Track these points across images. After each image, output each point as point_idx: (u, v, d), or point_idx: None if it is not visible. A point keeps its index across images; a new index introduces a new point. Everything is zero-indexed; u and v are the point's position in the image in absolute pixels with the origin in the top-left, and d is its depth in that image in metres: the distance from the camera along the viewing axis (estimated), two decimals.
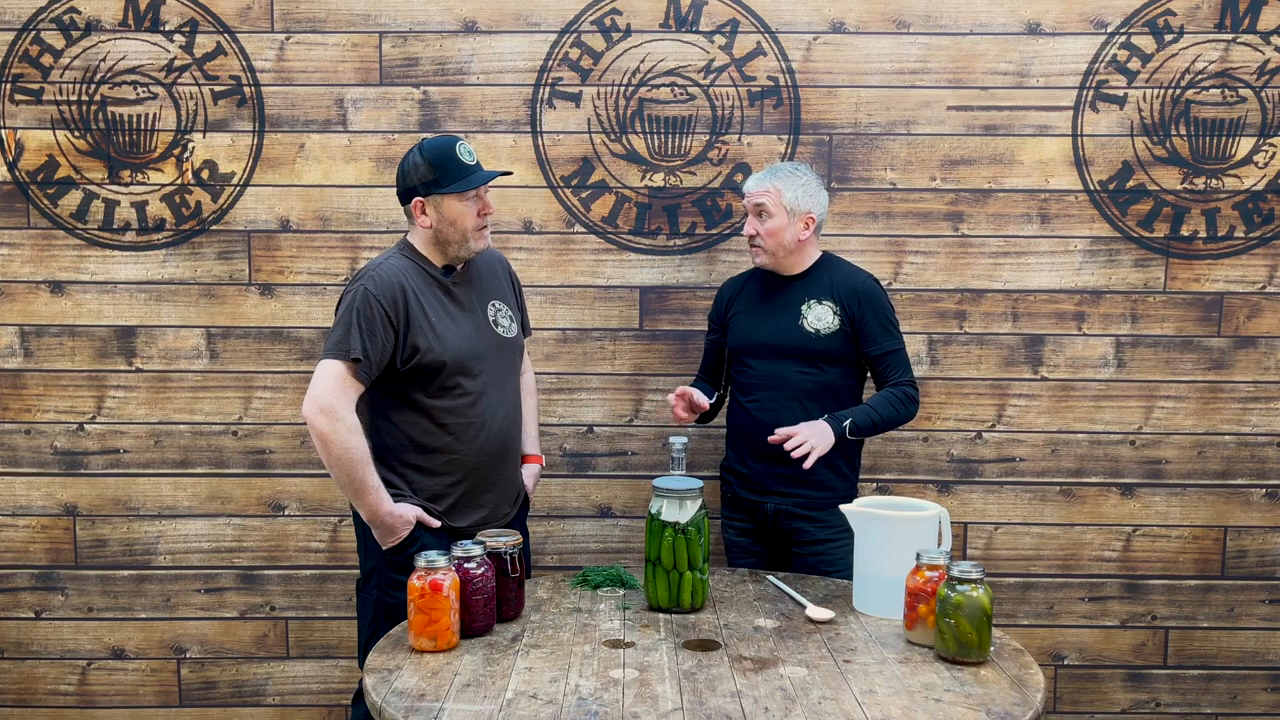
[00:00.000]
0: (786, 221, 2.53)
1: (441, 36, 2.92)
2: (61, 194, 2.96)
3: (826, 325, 2.54)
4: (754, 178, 2.60)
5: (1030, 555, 3.07)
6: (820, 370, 2.55)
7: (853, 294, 2.54)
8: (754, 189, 2.57)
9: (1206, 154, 2.95)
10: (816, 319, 2.54)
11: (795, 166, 2.59)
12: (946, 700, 1.71)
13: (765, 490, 2.58)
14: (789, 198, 2.53)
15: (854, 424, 2.45)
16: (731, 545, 2.71)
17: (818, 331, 2.54)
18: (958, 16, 2.91)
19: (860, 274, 2.60)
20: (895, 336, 2.56)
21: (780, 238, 2.54)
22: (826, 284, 2.57)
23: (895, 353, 2.55)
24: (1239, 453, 3.04)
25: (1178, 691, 3.11)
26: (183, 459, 3.04)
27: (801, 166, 2.60)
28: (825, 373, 2.55)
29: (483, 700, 1.70)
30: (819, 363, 2.55)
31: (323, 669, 3.12)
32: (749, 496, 2.62)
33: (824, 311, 2.54)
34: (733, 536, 2.70)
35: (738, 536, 2.69)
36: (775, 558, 2.65)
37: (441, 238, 2.30)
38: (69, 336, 3.00)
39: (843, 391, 2.57)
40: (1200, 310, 3.00)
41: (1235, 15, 2.90)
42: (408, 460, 2.29)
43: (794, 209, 2.53)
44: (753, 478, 2.60)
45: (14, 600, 3.09)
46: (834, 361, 2.55)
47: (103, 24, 2.91)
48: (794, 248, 2.57)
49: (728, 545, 2.73)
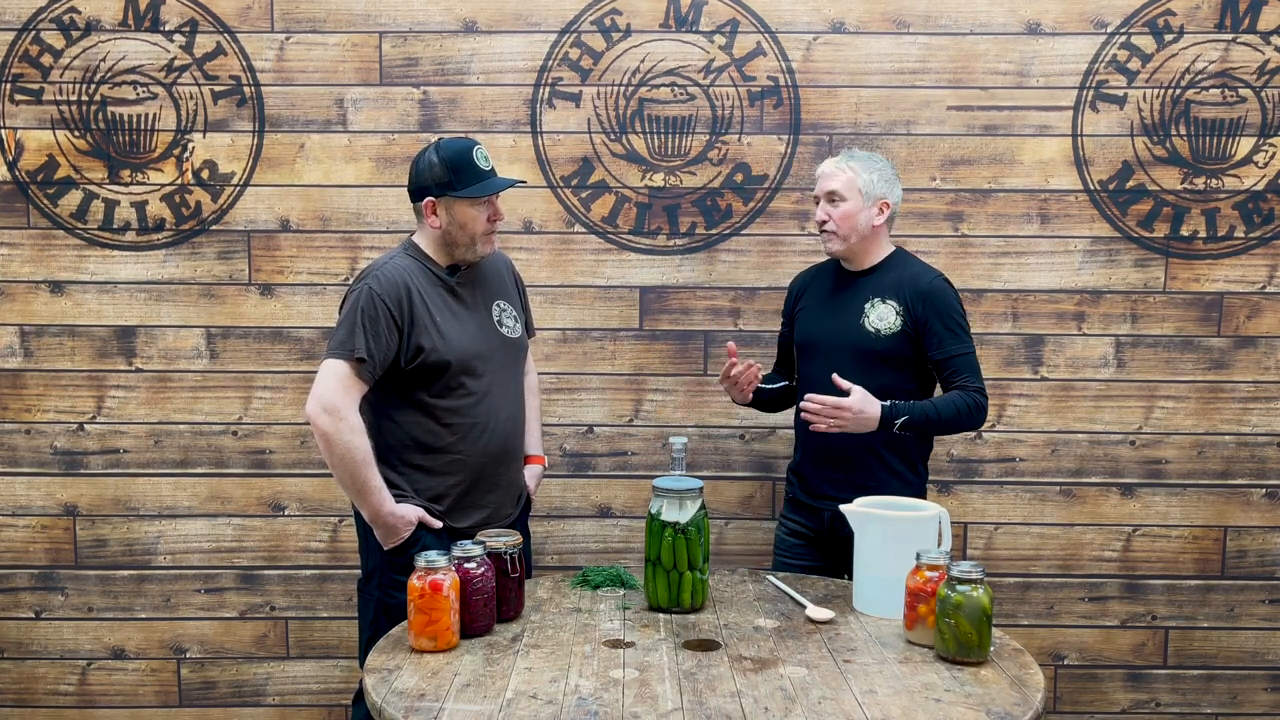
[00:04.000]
0: (861, 205, 2.42)
1: (441, 36, 2.92)
2: (61, 194, 2.96)
3: (888, 326, 2.42)
4: (828, 160, 2.49)
5: (1030, 555, 3.07)
6: (878, 372, 2.41)
7: (918, 294, 2.42)
8: (829, 170, 2.46)
9: (1206, 154, 2.95)
10: (879, 318, 2.43)
11: (870, 153, 2.51)
12: (946, 700, 1.71)
13: (822, 495, 2.47)
14: (864, 180, 2.42)
15: (908, 420, 2.31)
16: (780, 543, 2.61)
17: (878, 331, 2.43)
18: (958, 16, 2.91)
19: (929, 273, 2.47)
20: (963, 340, 2.41)
21: (854, 221, 2.43)
22: (893, 282, 2.45)
23: (962, 356, 2.40)
24: (1239, 453, 3.04)
25: (1178, 691, 3.11)
26: (183, 459, 3.04)
27: (877, 154, 2.51)
28: (883, 375, 2.41)
29: (483, 700, 1.70)
30: (878, 364, 2.42)
31: (323, 669, 3.12)
32: (809, 502, 2.53)
33: (886, 311, 2.43)
34: (783, 535, 2.61)
35: (788, 535, 2.59)
36: (835, 565, 2.49)
37: (449, 239, 2.30)
38: (69, 336, 3.00)
39: (901, 398, 2.40)
40: (1200, 310, 3.00)
41: (1235, 15, 2.90)
42: (410, 460, 2.29)
43: (869, 192, 2.42)
44: (810, 481, 2.52)
45: (14, 600, 3.09)
46: (893, 364, 2.43)
47: (103, 24, 2.91)
48: (868, 234, 2.45)
49: (777, 543, 2.64)
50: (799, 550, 2.58)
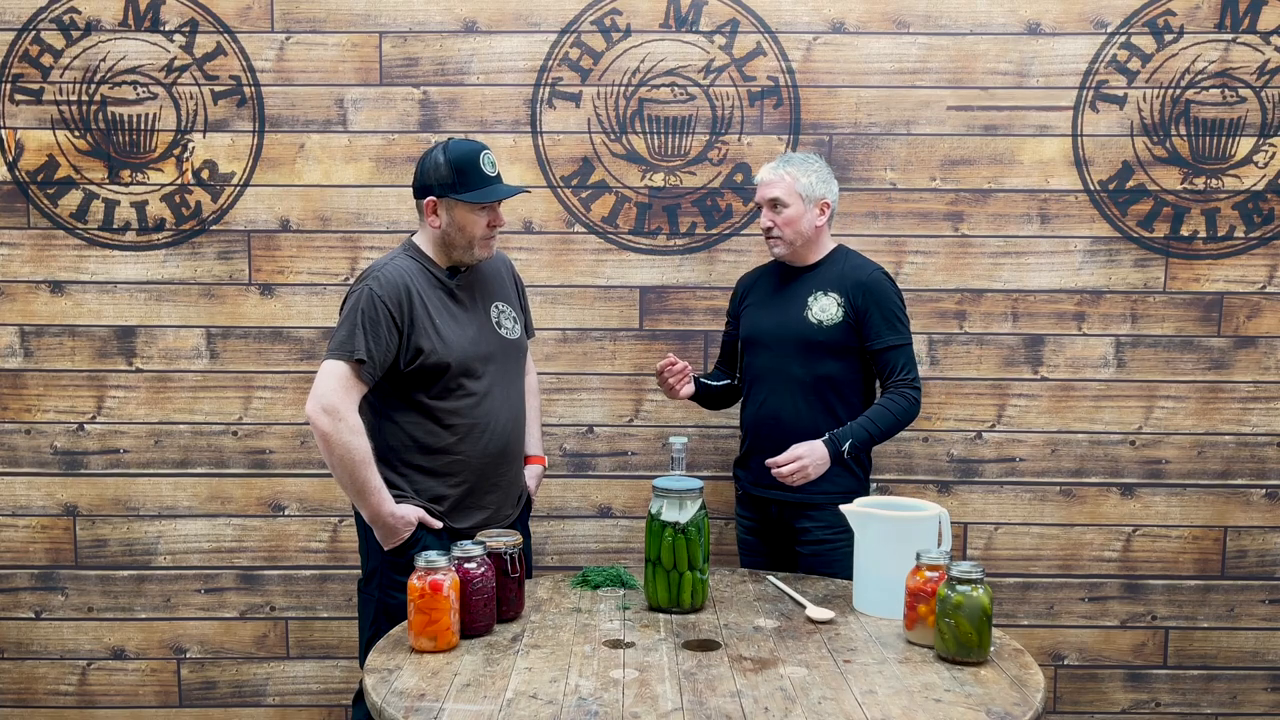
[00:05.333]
0: (803, 209, 2.51)
1: (441, 36, 2.92)
2: (61, 194, 2.96)
3: (829, 317, 2.51)
4: (766, 167, 2.57)
5: (1030, 555, 3.07)
6: (821, 362, 2.51)
7: (858, 285, 2.51)
8: (768, 178, 2.54)
9: (1206, 154, 2.95)
10: (820, 310, 2.51)
11: (805, 155, 2.58)
12: (946, 700, 1.71)
13: (770, 485, 2.53)
14: (804, 184, 2.51)
15: (852, 444, 2.43)
16: (742, 544, 2.70)
17: (820, 323, 2.51)
18: (958, 16, 2.91)
19: (869, 266, 2.56)
20: (900, 331, 2.51)
21: (798, 226, 2.52)
22: (835, 275, 2.54)
23: (898, 349, 2.50)
24: (1239, 453, 3.04)
25: (1178, 691, 3.11)
26: (183, 459, 3.04)
27: (811, 155, 2.59)
28: (825, 365, 2.51)
29: (483, 700, 1.70)
30: (820, 354, 2.51)
31: (323, 669, 3.12)
32: (756, 493, 2.60)
33: (829, 303, 2.51)
34: (742, 534, 2.70)
35: (746, 534, 2.68)
36: (779, 555, 2.62)
37: (448, 240, 2.30)
38: (69, 336, 3.00)
39: (845, 386, 2.53)
40: (1200, 310, 3.00)
41: (1235, 15, 2.90)
42: (411, 461, 2.29)
43: (809, 195, 2.51)
44: (758, 472, 2.57)
45: (14, 600, 3.09)
46: (835, 354, 2.51)
47: (103, 24, 2.91)
48: (812, 235, 2.54)
49: (740, 544, 2.72)
50: (759, 547, 2.66)
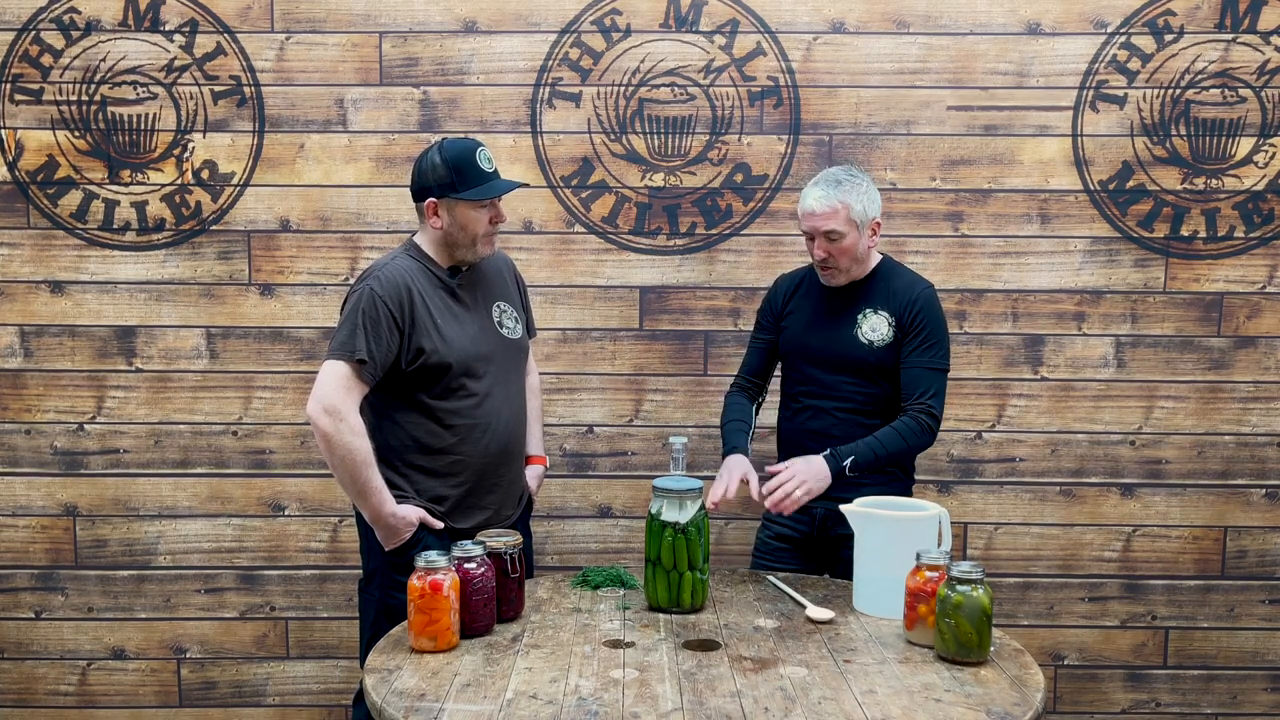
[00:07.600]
0: (858, 236, 2.38)
1: (441, 36, 2.92)
2: (61, 194, 2.96)
3: (881, 337, 2.42)
4: (814, 196, 2.38)
5: (1030, 555, 3.07)
6: (874, 384, 2.43)
7: (909, 303, 2.41)
8: (819, 208, 2.36)
9: (1206, 154, 2.95)
10: (871, 329, 2.43)
11: (849, 172, 2.42)
12: (946, 700, 1.71)
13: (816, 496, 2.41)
14: (858, 210, 2.37)
15: (855, 462, 2.32)
16: (761, 545, 2.60)
17: (871, 344, 2.42)
18: (958, 16, 2.91)
19: (920, 284, 2.46)
20: (936, 356, 2.40)
21: (854, 252, 2.40)
22: (885, 292, 2.45)
23: (931, 372, 2.39)
24: (1239, 453, 3.04)
25: (1178, 692, 3.11)
26: (183, 459, 3.04)
27: (854, 171, 2.44)
28: (879, 386, 2.43)
29: (483, 700, 1.70)
30: (873, 376, 2.43)
31: (323, 669, 3.12)
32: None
33: (879, 322, 2.43)
34: (766, 538, 2.59)
35: (771, 539, 2.57)
36: (821, 564, 2.52)
37: (450, 240, 2.30)
38: (69, 336, 3.00)
39: (896, 405, 2.43)
40: (1200, 310, 3.00)
41: (1235, 15, 2.90)
42: (412, 461, 2.29)
43: (863, 220, 2.38)
44: None
45: (14, 600, 3.09)
46: (889, 375, 2.43)
47: (103, 24, 2.91)
48: (865, 256, 2.44)
49: (758, 546, 2.61)
50: (781, 554, 2.55)
